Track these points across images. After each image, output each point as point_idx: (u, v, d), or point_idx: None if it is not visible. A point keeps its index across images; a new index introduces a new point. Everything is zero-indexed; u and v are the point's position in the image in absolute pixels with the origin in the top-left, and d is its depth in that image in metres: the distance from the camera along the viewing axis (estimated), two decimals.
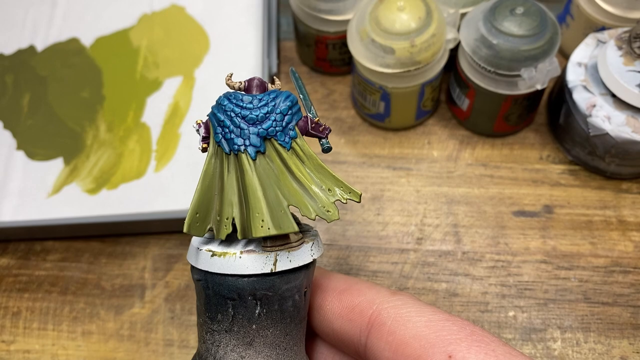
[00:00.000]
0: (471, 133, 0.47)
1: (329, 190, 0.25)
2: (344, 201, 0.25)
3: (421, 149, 0.47)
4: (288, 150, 0.25)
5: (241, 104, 0.24)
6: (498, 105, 0.43)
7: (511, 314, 0.40)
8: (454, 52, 0.44)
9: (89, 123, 0.48)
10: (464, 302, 0.41)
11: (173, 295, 0.42)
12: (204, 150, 0.25)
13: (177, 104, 0.48)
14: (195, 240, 0.26)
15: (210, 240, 0.26)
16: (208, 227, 0.25)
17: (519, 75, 0.40)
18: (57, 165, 0.46)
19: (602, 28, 0.45)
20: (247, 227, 0.24)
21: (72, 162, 0.46)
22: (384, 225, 0.44)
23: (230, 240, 0.25)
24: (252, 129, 0.24)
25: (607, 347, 0.39)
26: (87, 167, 0.46)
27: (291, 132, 0.25)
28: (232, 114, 0.24)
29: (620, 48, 0.41)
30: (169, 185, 0.45)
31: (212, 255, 0.25)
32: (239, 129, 0.24)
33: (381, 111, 0.45)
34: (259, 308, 0.25)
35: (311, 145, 0.25)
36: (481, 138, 0.47)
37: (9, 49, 0.52)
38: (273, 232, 0.24)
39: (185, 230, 0.25)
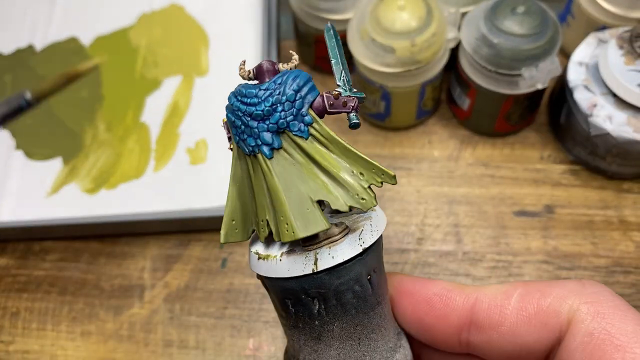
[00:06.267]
0: (472, 133, 0.47)
1: (360, 174, 0.22)
2: (379, 185, 0.22)
3: (422, 149, 0.47)
4: (307, 139, 0.22)
5: (246, 100, 0.22)
6: (499, 105, 0.43)
7: None
8: (454, 52, 0.44)
9: (88, 123, 0.48)
10: None
11: (172, 296, 0.42)
12: (232, 149, 0.24)
13: (177, 104, 0.48)
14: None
15: (257, 239, 0.25)
16: (251, 228, 0.24)
17: (519, 75, 0.40)
18: (56, 165, 0.46)
19: (603, 27, 0.45)
20: (278, 231, 0.22)
21: (71, 161, 0.46)
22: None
23: (271, 240, 0.23)
24: (261, 126, 0.21)
25: None
26: (86, 167, 0.46)
27: (306, 118, 0.22)
28: (240, 113, 0.22)
29: (621, 47, 0.40)
30: (168, 185, 0.44)
31: (258, 258, 0.23)
32: (249, 128, 0.22)
33: (382, 111, 0.45)
34: (317, 305, 0.23)
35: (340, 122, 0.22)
36: (482, 138, 0.47)
37: (7, 48, 0.52)
38: (299, 235, 0.21)
39: (222, 240, 0.23)
